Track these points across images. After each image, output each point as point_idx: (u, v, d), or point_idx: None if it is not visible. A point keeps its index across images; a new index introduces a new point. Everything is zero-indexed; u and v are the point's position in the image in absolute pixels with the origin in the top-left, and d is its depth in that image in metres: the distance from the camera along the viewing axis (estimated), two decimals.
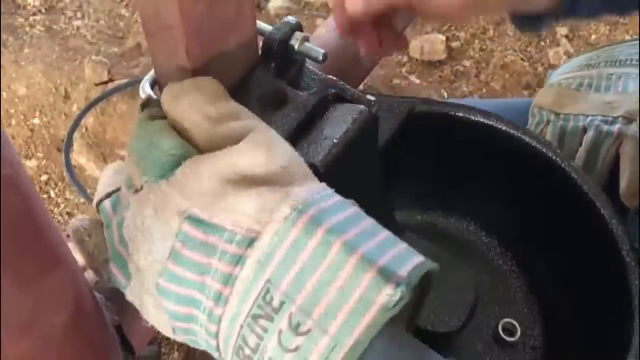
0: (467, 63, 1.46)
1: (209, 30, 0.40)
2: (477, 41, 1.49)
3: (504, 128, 0.52)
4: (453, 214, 0.59)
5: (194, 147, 0.37)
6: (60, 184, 1.35)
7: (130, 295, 0.38)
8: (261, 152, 0.35)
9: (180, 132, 0.37)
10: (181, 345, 1.18)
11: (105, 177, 0.41)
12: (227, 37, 0.42)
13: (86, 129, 1.37)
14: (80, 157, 1.33)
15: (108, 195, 0.39)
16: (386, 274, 0.32)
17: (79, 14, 1.64)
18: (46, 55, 1.52)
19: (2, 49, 1.53)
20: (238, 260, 0.34)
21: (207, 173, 0.34)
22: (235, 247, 0.34)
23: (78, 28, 1.60)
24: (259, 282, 0.33)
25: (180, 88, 0.38)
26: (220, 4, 0.40)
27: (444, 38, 1.48)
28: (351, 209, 0.36)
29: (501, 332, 0.52)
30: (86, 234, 0.39)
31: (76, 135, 1.33)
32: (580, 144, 0.73)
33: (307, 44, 0.46)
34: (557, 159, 0.51)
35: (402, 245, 0.35)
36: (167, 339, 1.21)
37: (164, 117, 0.38)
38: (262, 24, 0.46)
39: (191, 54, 0.40)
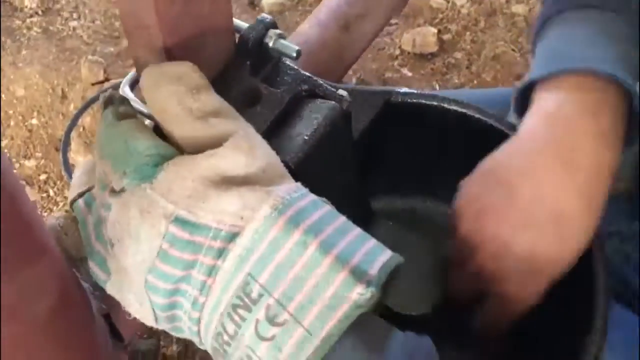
0: (458, 55, 1.47)
1: (186, 30, 0.42)
2: (468, 33, 1.50)
3: (476, 115, 0.54)
4: (432, 199, 0.60)
5: (171, 139, 0.38)
6: (59, 182, 1.37)
7: (110, 289, 0.39)
8: (242, 155, 0.36)
9: (159, 122, 0.38)
10: (179, 339, 1.20)
11: (75, 178, 0.42)
12: (204, 35, 0.44)
13: (83, 129, 1.39)
14: (78, 155, 1.35)
15: (80, 195, 0.40)
16: (358, 274, 0.34)
17: (75, 15, 1.66)
18: (43, 57, 1.54)
19: (1, 51, 1.56)
20: (221, 253, 0.35)
21: (190, 176, 0.36)
22: (220, 242, 0.35)
23: (74, 29, 1.62)
24: (240, 275, 0.35)
25: (160, 74, 0.38)
26: (196, 3, 0.42)
27: (435, 31, 1.50)
28: (325, 207, 0.38)
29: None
30: (63, 232, 0.41)
31: (73, 134, 1.35)
32: None
33: (281, 41, 0.47)
34: None
35: (372, 242, 0.37)
36: (166, 332, 1.24)
37: (132, 115, 0.39)
38: (238, 22, 0.47)
39: (169, 52, 0.41)
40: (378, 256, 0.36)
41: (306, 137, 0.44)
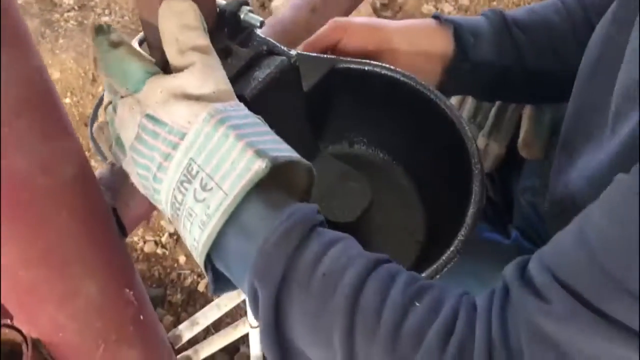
0: None
1: None
2: None
3: (402, 79, 0.68)
4: (373, 147, 0.74)
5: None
6: (87, 153, 1.54)
7: (125, 166, 0.55)
8: (195, 79, 0.51)
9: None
10: (183, 287, 1.36)
11: (105, 92, 0.58)
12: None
13: None
14: None
15: (109, 103, 0.56)
16: (260, 154, 0.48)
17: (107, 12, 1.85)
18: (77, 45, 1.73)
19: (40, 39, 1.75)
20: (174, 145, 0.50)
21: (159, 89, 0.51)
22: (172, 136, 0.50)
23: (106, 23, 1.81)
24: (185, 160, 0.49)
25: (169, 8, 0.52)
26: None
27: None
28: (252, 119, 0.52)
29: (397, 227, 0.69)
30: (101, 130, 0.57)
31: (101, 112, 1.53)
32: (494, 105, 0.90)
33: (250, 14, 0.63)
34: (438, 101, 0.66)
35: (284, 146, 0.51)
36: (172, 282, 1.40)
37: (123, 42, 0.53)
38: (219, 0, 0.63)
39: None
40: (284, 152, 0.50)
41: (260, 80, 0.60)
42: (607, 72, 0.56)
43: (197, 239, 0.50)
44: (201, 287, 1.36)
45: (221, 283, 0.54)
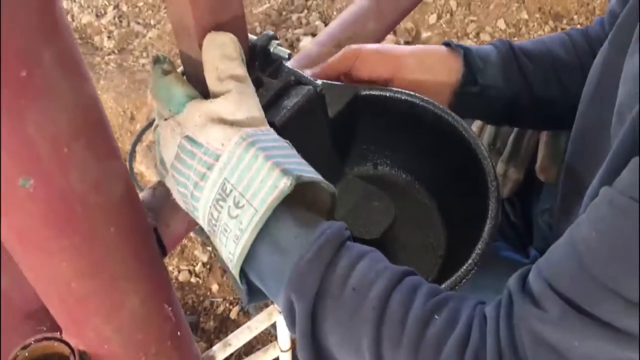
0: None
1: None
2: None
3: (421, 103, 0.72)
4: (397, 169, 0.79)
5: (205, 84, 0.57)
6: None
7: (167, 184, 0.60)
8: (230, 105, 0.55)
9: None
10: (216, 315, 1.41)
11: (155, 117, 0.63)
12: None
13: (146, 143, 1.64)
14: (141, 166, 1.56)
15: (157, 125, 0.61)
16: (286, 172, 0.52)
17: (144, 54, 1.94)
18: (117, 86, 1.82)
19: None
20: (209, 166, 0.54)
21: (198, 113, 0.56)
22: (207, 157, 0.54)
23: (143, 65, 1.90)
24: (220, 179, 0.54)
25: (212, 40, 0.56)
26: (221, 14, 0.60)
27: None
28: (280, 143, 0.56)
29: (420, 243, 0.73)
30: (149, 149, 0.64)
31: (138, 148, 1.60)
32: (512, 133, 0.93)
33: (278, 47, 0.68)
34: (455, 123, 0.70)
35: (308, 168, 0.55)
36: (205, 310, 1.45)
37: (172, 70, 0.58)
38: (250, 36, 0.69)
39: (201, 47, 0.63)
40: (308, 173, 0.54)
41: (288, 108, 0.66)
42: (606, 96, 0.60)
43: (232, 252, 0.54)
44: (233, 315, 1.40)
45: (254, 294, 0.58)
